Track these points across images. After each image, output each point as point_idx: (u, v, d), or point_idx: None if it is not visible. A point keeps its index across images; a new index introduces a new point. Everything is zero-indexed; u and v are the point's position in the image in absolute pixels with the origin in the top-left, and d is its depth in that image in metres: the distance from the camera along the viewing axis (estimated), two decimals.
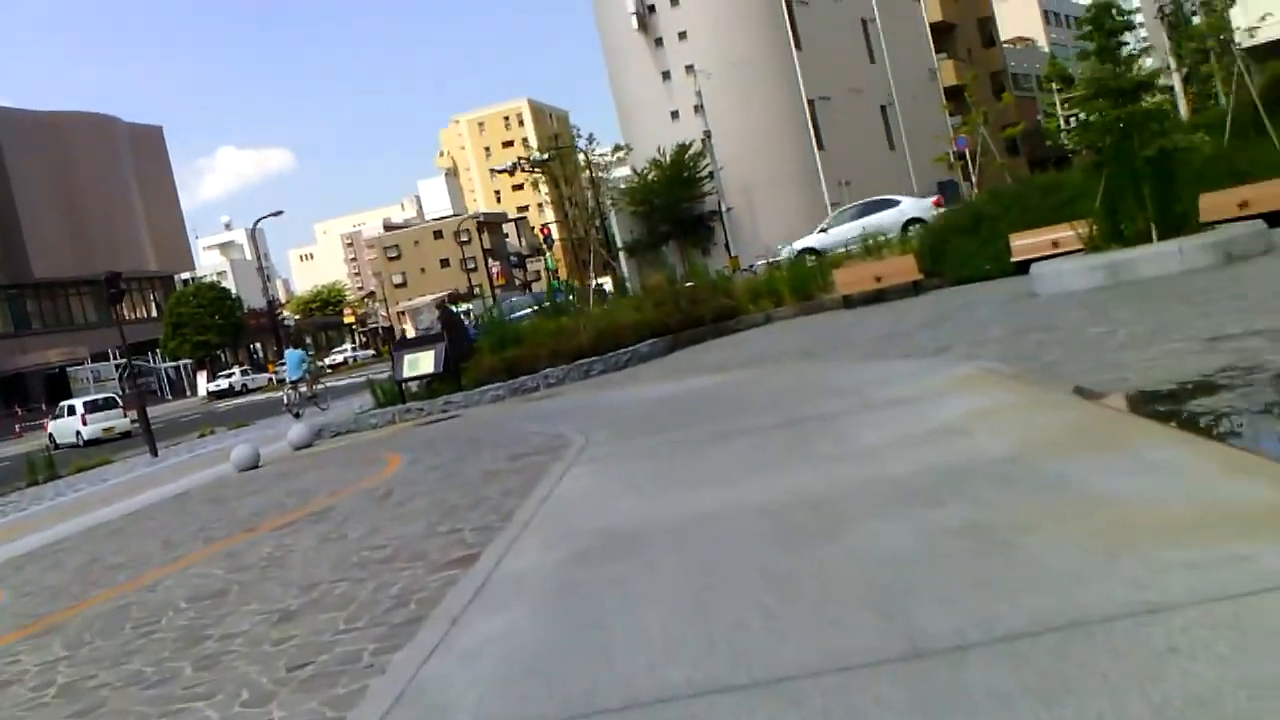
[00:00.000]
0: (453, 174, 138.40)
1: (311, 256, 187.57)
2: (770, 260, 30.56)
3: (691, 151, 45.00)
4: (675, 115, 46.54)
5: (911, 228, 26.13)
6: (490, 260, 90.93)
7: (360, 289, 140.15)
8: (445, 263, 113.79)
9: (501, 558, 5.58)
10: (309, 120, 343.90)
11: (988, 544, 4.06)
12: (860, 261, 22.99)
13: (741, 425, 8.28)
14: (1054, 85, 58.63)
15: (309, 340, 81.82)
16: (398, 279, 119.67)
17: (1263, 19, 23.78)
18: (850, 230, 26.89)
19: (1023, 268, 19.03)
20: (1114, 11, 14.41)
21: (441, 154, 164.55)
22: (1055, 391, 7.05)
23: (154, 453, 23.31)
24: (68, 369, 68.88)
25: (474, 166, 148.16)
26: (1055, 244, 19.53)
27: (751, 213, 45.25)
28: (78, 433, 37.45)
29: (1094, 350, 8.72)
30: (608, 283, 36.25)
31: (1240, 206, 18.54)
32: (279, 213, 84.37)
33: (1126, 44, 15.93)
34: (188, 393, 71.84)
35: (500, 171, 36.74)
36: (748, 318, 22.31)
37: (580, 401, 14.22)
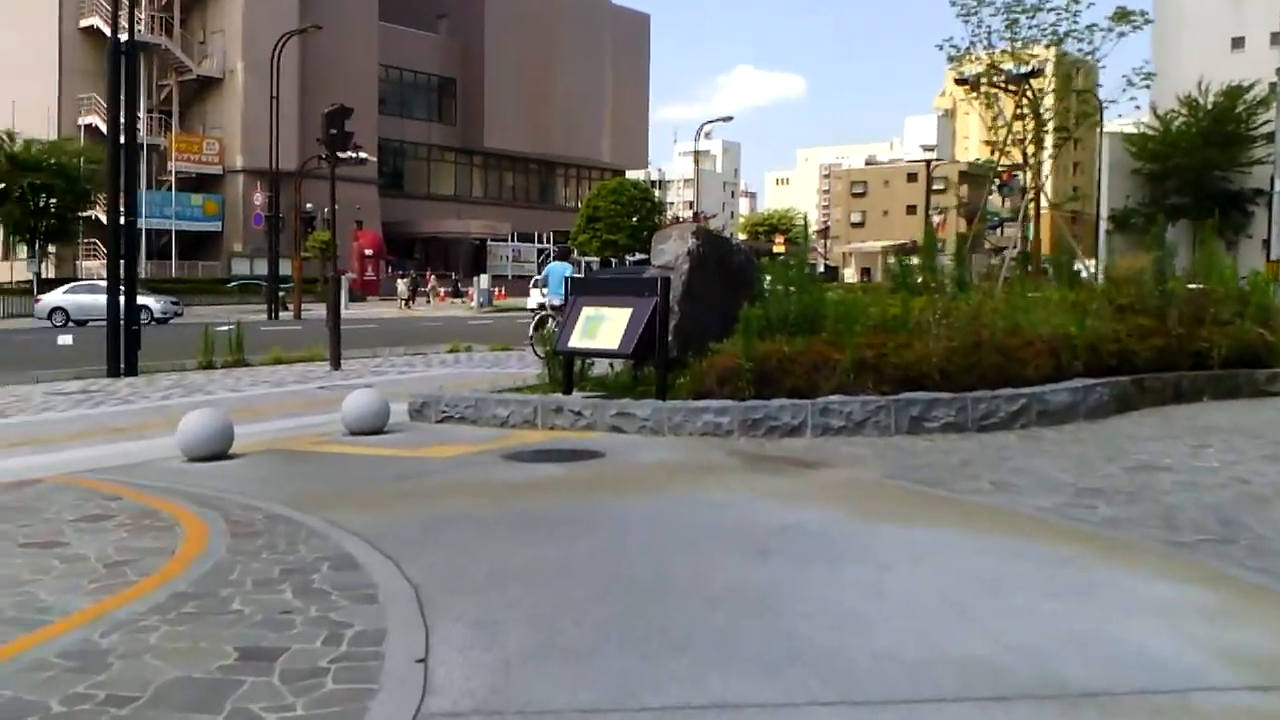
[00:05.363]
0: (948, 116, 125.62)
1: (787, 182, 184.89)
2: None
3: (1249, 98, 31.06)
4: (1238, 44, 32.46)
5: None
6: (952, 215, 79.25)
7: (825, 221, 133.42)
8: (912, 209, 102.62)
9: None
10: (826, 52, 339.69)
11: None
12: None
13: None
14: None
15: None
16: (856, 218, 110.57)
17: None
18: None
19: None
20: None
21: (943, 93, 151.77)
22: None
23: (335, 365, 16.75)
24: (489, 242, 67.60)
25: (974, 110, 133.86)
26: None
27: None
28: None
29: None
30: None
31: None
32: (729, 118, 79.28)
33: None
34: None
35: (961, 83, 26.52)
36: None
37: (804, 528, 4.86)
